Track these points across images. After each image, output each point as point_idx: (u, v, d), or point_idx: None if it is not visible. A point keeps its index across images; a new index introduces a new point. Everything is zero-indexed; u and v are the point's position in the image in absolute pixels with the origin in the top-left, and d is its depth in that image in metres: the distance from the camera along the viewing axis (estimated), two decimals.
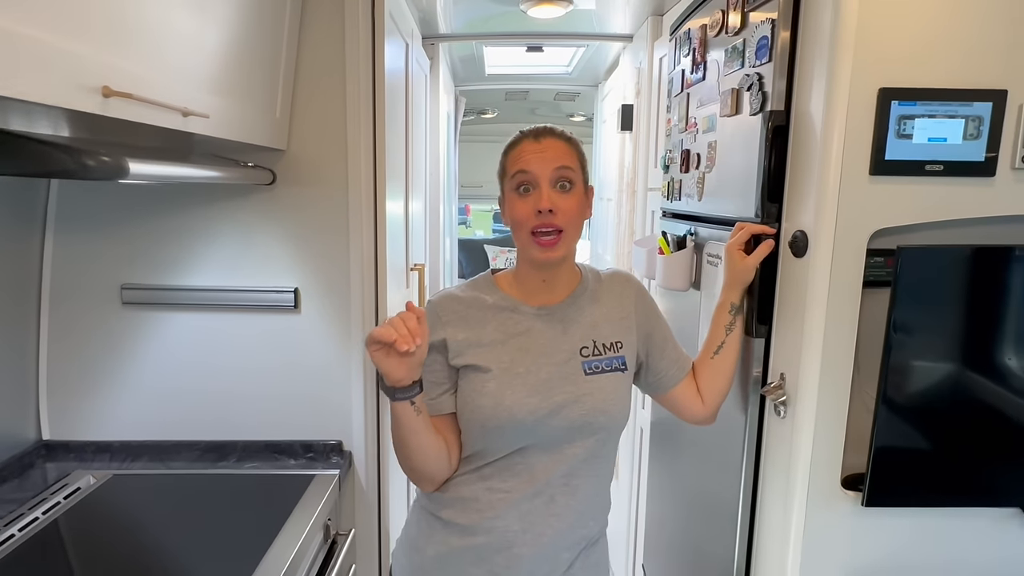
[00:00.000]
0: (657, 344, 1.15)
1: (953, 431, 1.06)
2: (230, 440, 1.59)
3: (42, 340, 1.52)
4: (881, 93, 0.98)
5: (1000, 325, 1.03)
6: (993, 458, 1.07)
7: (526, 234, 1.01)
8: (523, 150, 1.03)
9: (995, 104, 0.98)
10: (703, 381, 1.18)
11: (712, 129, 1.39)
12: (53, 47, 0.70)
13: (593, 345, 1.07)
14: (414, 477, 1.06)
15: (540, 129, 1.05)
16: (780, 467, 1.14)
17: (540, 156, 1.01)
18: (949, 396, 1.04)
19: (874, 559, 1.12)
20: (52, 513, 1.29)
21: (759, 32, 1.15)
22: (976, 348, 1.04)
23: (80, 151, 0.75)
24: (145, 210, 1.53)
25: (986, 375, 1.04)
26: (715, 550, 1.35)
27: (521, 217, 1.01)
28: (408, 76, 1.99)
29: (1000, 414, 1.05)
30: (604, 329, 1.09)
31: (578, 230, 1.05)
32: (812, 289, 1.05)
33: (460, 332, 1.04)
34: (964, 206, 1.02)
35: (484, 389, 1.01)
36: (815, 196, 1.04)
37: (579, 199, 1.04)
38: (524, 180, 1.01)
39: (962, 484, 1.08)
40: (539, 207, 0.99)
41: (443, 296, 1.09)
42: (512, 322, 1.06)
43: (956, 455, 1.07)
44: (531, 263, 1.05)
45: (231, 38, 1.15)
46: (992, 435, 1.06)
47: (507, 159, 1.06)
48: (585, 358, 1.06)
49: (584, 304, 1.10)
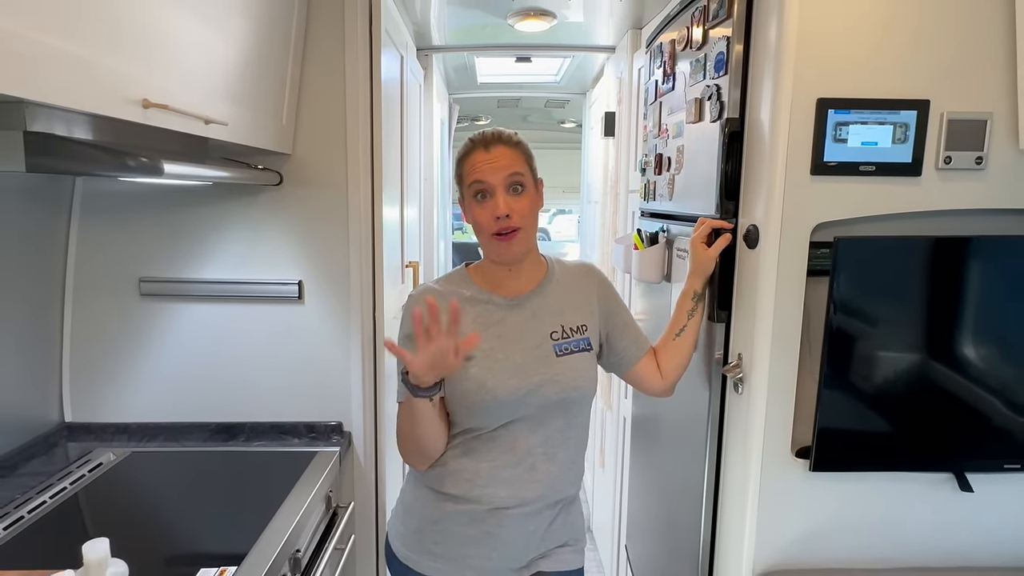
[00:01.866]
0: (617, 327, 1.26)
1: (891, 403, 1.16)
2: (239, 422, 1.70)
3: (66, 329, 1.63)
4: (819, 103, 1.10)
5: (931, 306, 1.13)
6: (928, 428, 1.17)
7: (488, 237, 1.12)
8: (476, 161, 1.12)
9: (919, 112, 1.10)
10: (665, 359, 1.31)
11: (680, 135, 1.52)
12: (99, 64, 0.82)
13: (562, 329, 1.18)
14: (415, 460, 1.16)
15: (489, 138, 1.13)
16: (739, 439, 1.25)
17: (492, 166, 1.10)
18: (887, 372, 1.15)
19: (823, 519, 1.23)
20: (78, 484, 1.41)
21: (717, 47, 1.28)
22: (910, 327, 1.14)
23: (122, 153, 0.87)
24: (162, 208, 1.64)
25: (919, 352, 1.14)
26: (686, 522, 1.46)
27: (483, 222, 1.11)
28: (403, 85, 2.11)
29: (933, 388, 1.15)
30: (569, 315, 1.20)
31: (535, 223, 1.16)
32: (763, 277, 1.16)
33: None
34: (894, 202, 1.13)
35: (467, 374, 1.10)
36: (765, 194, 1.16)
37: (531, 197, 1.14)
38: (480, 188, 1.11)
39: (900, 452, 1.18)
40: (496, 214, 1.09)
41: (424, 292, 1.16)
42: (488, 313, 1.16)
43: (894, 425, 1.17)
44: (496, 259, 1.16)
45: (245, 53, 1.27)
46: (926, 407, 1.16)
47: (462, 168, 1.15)
48: (555, 341, 1.17)
49: (551, 292, 1.21)
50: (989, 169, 1.12)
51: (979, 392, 1.16)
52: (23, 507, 1.29)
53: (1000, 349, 1.15)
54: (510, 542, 1.15)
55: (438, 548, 1.15)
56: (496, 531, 1.14)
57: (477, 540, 1.14)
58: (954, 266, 1.12)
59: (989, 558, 1.25)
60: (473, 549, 1.14)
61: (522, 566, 1.18)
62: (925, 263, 1.13)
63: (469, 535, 1.14)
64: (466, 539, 1.14)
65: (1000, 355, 1.15)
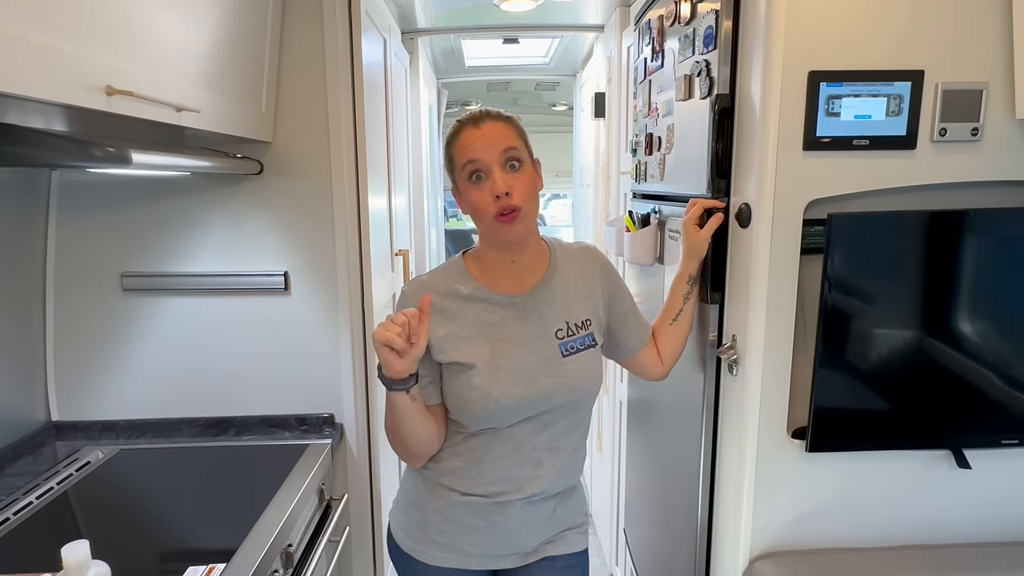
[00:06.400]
0: (620, 316, 1.22)
1: (887, 381, 1.15)
2: (228, 416, 1.68)
3: (48, 327, 1.61)
4: (811, 76, 1.07)
5: (926, 281, 1.12)
6: (924, 405, 1.16)
7: (490, 220, 1.04)
8: (467, 139, 1.04)
9: (913, 83, 1.08)
10: (662, 344, 1.29)
11: (670, 113, 1.49)
12: (58, 50, 0.78)
13: (567, 327, 1.13)
14: (405, 455, 1.14)
15: (477, 115, 1.06)
16: (734, 420, 1.24)
17: (484, 142, 1.03)
18: (883, 349, 1.13)
19: (821, 499, 1.22)
20: (65, 484, 1.39)
21: (706, 22, 1.25)
22: (905, 304, 1.13)
23: (87, 142, 0.84)
24: (141, 201, 1.61)
25: (915, 328, 1.13)
26: (683, 504, 1.46)
27: (481, 205, 1.03)
28: (387, 70, 2.07)
29: (930, 364, 1.14)
30: (574, 309, 1.14)
31: (535, 203, 1.08)
32: (756, 256, 1.15)
33: (440, 327, 1.06)
34: (889, 177, 1.11)
35: (472, 383, 1.05)
36: (756, 171, 1.13)
37: (529, 174, 1.06)
38: (475, 169, 1.03)
39: (897, 430, 1.17)
40: (496, 192, 1.01)
41: (418, 287, 1.10)
42: (487, 313, 1.09)
43: (890, 403, 1.16)
44: (498, 246, 1.09)
45: (218, 38, 1.23)
46: (923, 384, 1.15)
47: (453, 150, 1.07)
48: (561, 340, 1.11)
49: (555, 287, 1.14)
50: (985, 140, 1.10)
51: (976, 367, 1.15)
52: (9, 508, 1.27)
53: (996, 323, 1.14)
54: (515, 530, 1.14)
55: (442, 537, 1.14)
56: (500, 521, 1.13)
57: (481, 529, 1.13)
58: (950, 240, 1.11)
59: (987, 534, 1.25)
60: (477, 537, 1.14)
61: (528, 552, 1.17)
62: (920, 238, 1.12)
63: (474, 525, 1.13)
64: (470, 528, 1.13)
65: (996, 329, 1.14)
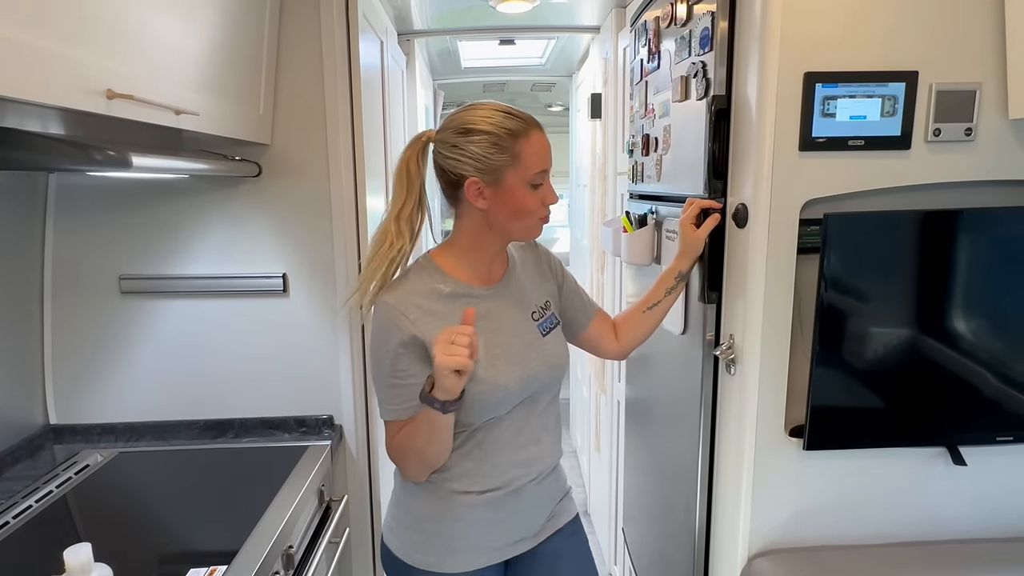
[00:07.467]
0: (566, 295, 1.28)
1: (883, 379, 1.16)
2: (227, 418, 1.68)
3: (46, 330, 1.60)
4: (806, 77, 1.08)
5: (922, 280, 1.13)
6: (920, 403, 1.17)
7: (534, 220, 1.08)
8: (541, 144, 1.05)
9: (908, 84, 1.09)
10: (628, 327, 1.32)
11: (667, 114, 1.50)
12: (60, 54, 0.78)
13: (538, 309, 1.19)
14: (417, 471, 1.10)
15: (536, 121, 1.07)
16: (732, 419, 1.25)
17: (549, 153, 1.07)
18: (879, 348, 1.14)
19: (818, 497, 1.23)
20: (64, 487, 1.39)
21: (702, 23, 1.26)
22: (901, 303, 1.14)
23: (88, 146, 0.84)
24: (139, 204, 1.61)
25: (911, 327, 1.14)
26: (681, 503, 1.46)
27: (532, 206, 1.06)
28: (384, 71, 2.07)
29: (925, 362, 1.15)
30: (535, 294, 1.21)
31: None
32: (753, 256, 1.16)
33: (432, 329, 1.04)
34: (884, 177, 1.12)
35: (476, 377, 1.05)
36: (753, 172, 1.14)
37: None
38: (543, 177, 1.07)
39: (893, 428, 1.18)
40: (550, 201, 1.07)
41: (398, 293, 1.06)
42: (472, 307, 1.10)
43: (887, 401, 1.17)
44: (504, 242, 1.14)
45: (216, 41, 1.23)
46: (918, 382, 1.16)
47: (520, 148, 1.03)
48: (537, 321, 1.17)
49: (519, 275, 1.20)
50: (978, 140, 1.11)
51: (971, 365, 1.16)
52: (8, 512, 1.27)
53: (991, 321, 1.15)
54: (529, 513, 1.18)
55: (460, 543, 1.13)
56: (516, 507, 1.16)
57: (500, 521, 1.15)
58: (945, 239, 1.12)
59: (983, 530, 1.26)
60: (495, 530, 1.15)
61: (537, 531, 1.21)
62: (915, 237, 1.13)
63: (493, 519, 1.14)
64: (490, 523, 1.14)
65: (991, 327, 1.15)
